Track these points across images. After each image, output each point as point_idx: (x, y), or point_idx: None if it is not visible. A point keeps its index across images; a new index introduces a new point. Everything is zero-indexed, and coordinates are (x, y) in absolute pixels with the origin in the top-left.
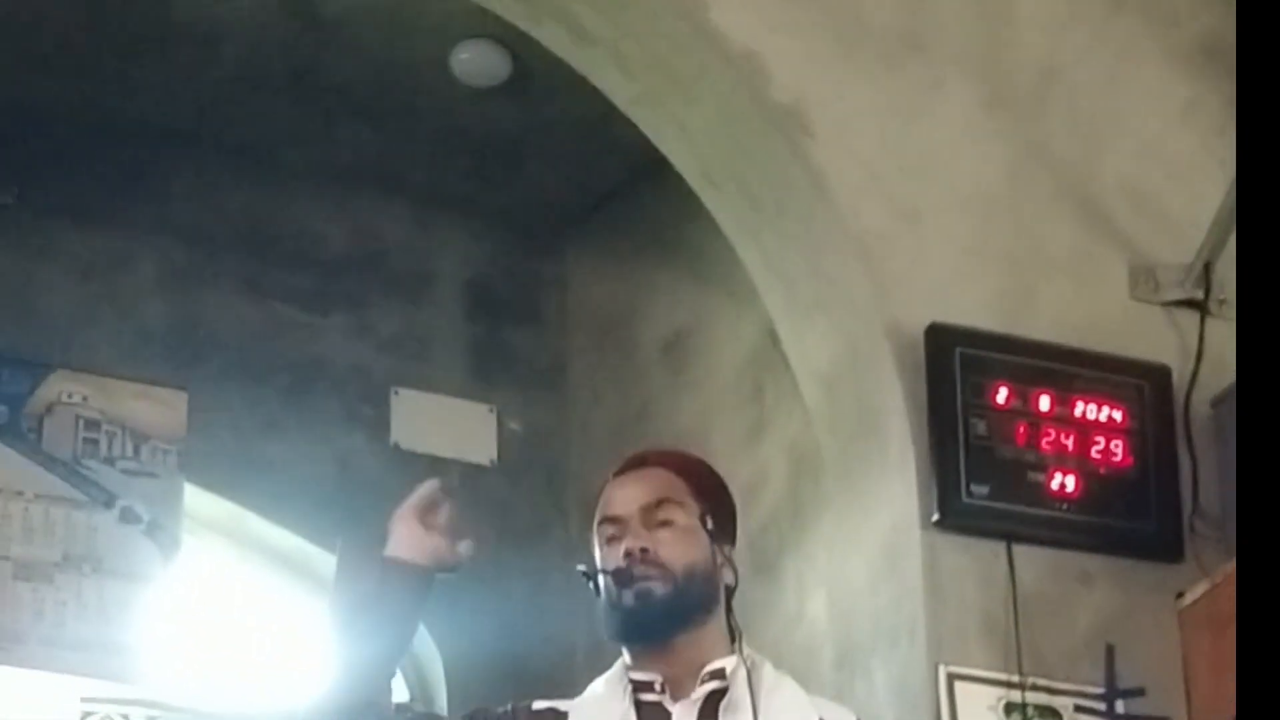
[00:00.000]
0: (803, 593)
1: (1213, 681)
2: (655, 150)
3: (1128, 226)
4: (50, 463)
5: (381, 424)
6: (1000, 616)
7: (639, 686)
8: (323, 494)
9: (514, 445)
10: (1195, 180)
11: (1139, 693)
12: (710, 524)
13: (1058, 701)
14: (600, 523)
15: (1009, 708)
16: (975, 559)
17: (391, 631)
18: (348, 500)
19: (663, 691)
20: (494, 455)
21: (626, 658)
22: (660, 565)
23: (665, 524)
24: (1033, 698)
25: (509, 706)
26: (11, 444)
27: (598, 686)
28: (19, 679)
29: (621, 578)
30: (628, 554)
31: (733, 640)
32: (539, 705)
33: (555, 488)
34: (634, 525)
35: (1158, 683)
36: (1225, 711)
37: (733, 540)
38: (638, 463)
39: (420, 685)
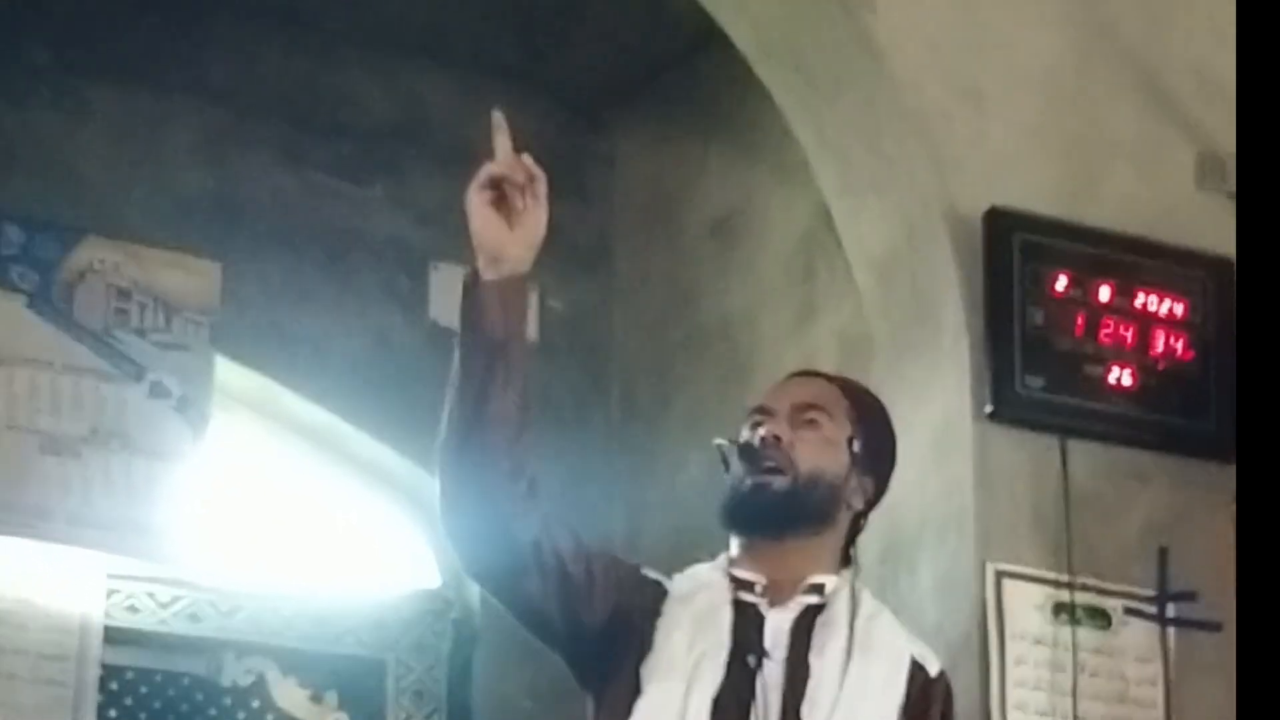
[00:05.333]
0: None
1: None
2: (710, 22)
3: (1196, 113)
4: (80, 333)
5: (419, 299)
6: (1051, 514)
7: (740, 584)
8: (358, 369)
9: (555, 325)
10: None
11: (1191, 596)
12: (856, 448)
13: (1107, 603)
14: (751, 412)
15: (1057, 608)
16: (1028, 453)
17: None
18: (383, 376)
19: (762, 595)
20: (534, 335)
21: (734, 549)
22: (788, 459)
23: (810, 424)
24: (1082, 598)
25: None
26: (41, 312)
27: (700, 571)
28: (44, 555)
29: (748, 455)
30: (762, 439)
31: (845, 565)
32: (647, 574)
33: (596, 370)
34: (779, 417)
35: (1211, 587)
36: None
37: (878, 484)
38: (808, 374)
39: (454, 571)
